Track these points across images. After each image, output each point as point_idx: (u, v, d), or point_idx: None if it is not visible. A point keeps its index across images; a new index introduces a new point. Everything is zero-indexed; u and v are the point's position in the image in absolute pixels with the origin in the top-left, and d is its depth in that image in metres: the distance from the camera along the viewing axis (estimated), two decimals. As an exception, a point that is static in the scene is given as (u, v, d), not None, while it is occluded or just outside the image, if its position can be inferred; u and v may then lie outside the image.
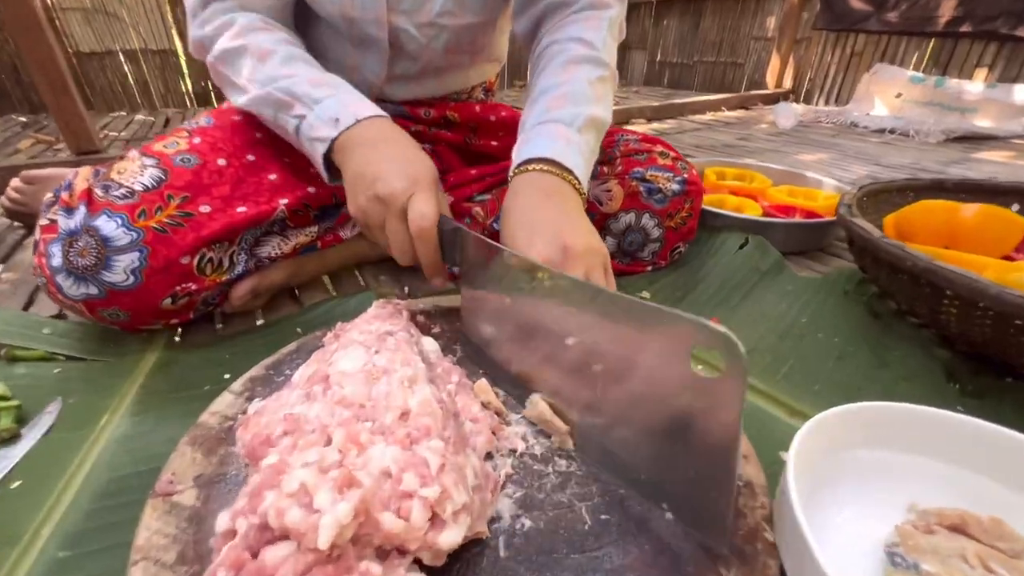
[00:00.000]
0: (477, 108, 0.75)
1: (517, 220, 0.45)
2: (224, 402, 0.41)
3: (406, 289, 0.69)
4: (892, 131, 1.92)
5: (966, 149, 1.71)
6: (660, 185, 0.68)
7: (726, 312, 0.64)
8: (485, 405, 0.40)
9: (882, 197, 0.80)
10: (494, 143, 0.76)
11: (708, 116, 2.38)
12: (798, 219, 0.86)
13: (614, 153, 0.71)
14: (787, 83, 2.86)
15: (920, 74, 2.18)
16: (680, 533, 0.31)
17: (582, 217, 0.46)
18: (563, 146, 0.49)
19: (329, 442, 0.30)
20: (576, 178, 0.48)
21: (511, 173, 0.50)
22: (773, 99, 2.72)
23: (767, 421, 0.46)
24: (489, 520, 0.31)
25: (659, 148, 0.72)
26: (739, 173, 1.12)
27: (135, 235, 0.48)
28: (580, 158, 0.50)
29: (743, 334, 0.59)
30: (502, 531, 0.31)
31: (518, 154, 0.51)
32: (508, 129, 0.76)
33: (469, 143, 0.76)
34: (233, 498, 0.30)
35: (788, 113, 2.05)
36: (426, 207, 0.42)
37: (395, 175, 0.43)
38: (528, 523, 0.32)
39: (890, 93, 2.21)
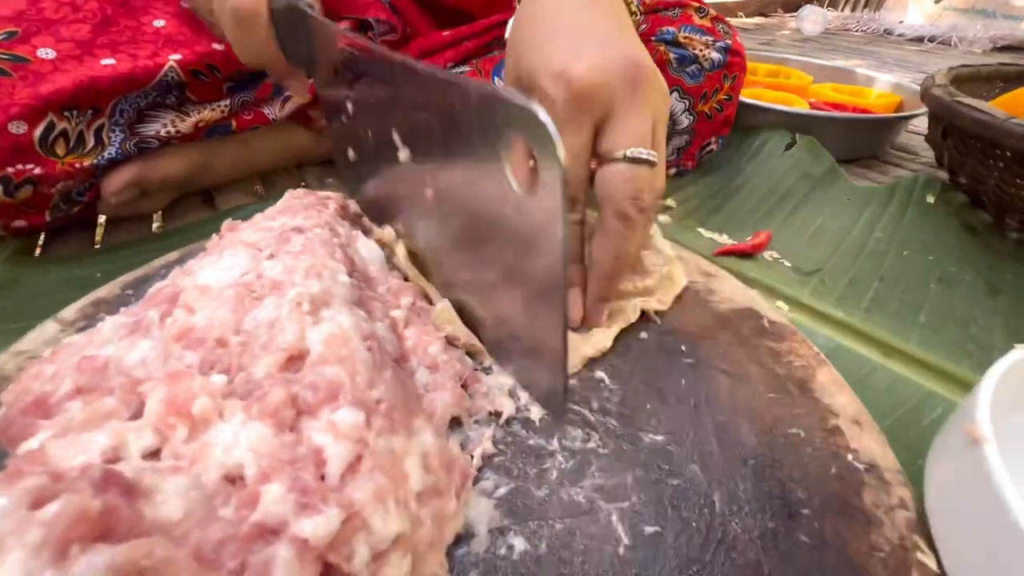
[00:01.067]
0: None
1: (545, 25, 0.27)
2: (41, 336, 0.26)
3: (359, 193, 0.52)
4: (932, 39, 1.70)
5: (1016, 58, 1.51)
6: (696, 51, 0.50)
7: (777, 225, 0.49)
8: (451, 341, 0.26)
9: (966, 87, 0.63)
10: None
11: (723, 22, 2.10)
12: (856, 115, 0.69)
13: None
14: (810, -12, 2.54)
15: (966, -26, 1.91)
16: (777, 560, 0.18)
17: (640, 42, 0.29)
18: None
19: (139, 413, 0.16)
20: None
21: None
22: (794, 5, 2.42)
23: (856, 366, 0.32)
24: (454, 539, 0.18)
25: (695, 4, 0.54)
26: (772, 69, 0.93)
27: None
28: None
29: (802, 252, 0.44)
30: (476, 561, 0.18)
31: None
32: None
33: None
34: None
35: (815, 17, 1.80)
36: None
37: None
38: (521, 544, 0.18)
39: (928, -2, 1.94)
